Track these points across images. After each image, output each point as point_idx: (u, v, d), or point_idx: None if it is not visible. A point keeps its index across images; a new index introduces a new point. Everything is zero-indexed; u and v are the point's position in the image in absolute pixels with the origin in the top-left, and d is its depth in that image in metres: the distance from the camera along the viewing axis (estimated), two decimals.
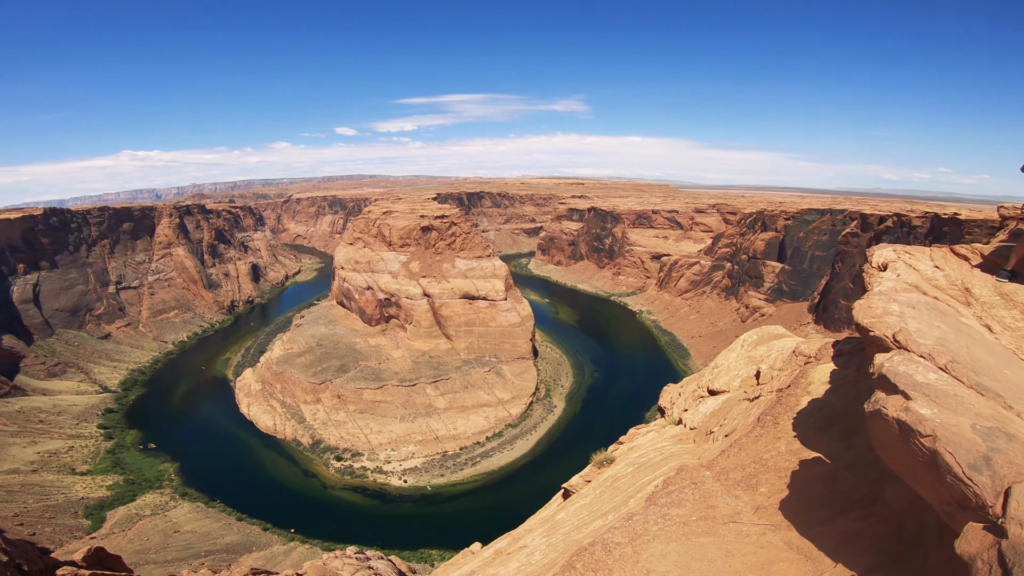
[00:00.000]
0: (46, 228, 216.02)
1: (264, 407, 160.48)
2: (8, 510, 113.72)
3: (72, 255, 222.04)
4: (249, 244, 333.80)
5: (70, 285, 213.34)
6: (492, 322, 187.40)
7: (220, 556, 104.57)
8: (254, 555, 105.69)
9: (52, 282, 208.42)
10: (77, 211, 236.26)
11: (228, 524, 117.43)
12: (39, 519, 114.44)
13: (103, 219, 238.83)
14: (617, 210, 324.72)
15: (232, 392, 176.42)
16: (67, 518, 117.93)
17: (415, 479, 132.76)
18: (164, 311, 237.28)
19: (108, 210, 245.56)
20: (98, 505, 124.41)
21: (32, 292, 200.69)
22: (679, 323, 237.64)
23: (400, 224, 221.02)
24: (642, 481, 20.75)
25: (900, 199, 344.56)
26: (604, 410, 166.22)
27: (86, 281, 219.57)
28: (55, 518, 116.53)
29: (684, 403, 29.38)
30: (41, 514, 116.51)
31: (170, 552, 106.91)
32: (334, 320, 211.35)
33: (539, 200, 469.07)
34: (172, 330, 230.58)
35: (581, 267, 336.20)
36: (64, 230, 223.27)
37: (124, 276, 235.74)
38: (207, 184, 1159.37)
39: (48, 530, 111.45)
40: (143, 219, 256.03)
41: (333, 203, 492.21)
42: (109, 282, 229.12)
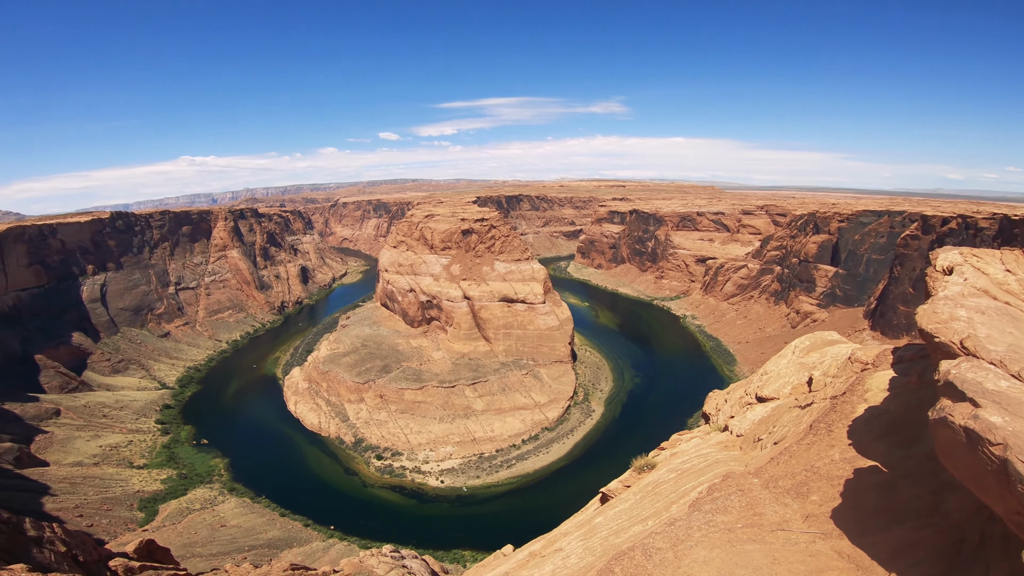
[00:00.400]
0: (113, 231, 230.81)
1: (310, 405, 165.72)
2: (70, 501, 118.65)
3: (136, 257, 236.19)
4: (298, 247, 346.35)
5: (134, 285, 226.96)
6: (530, 325, 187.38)
7: (262, 551, 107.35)
8: (294, 551, 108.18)
9: (118, 282, 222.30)
10: (140, 215, 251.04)
11: (272, 519, 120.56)
12: (97, 511, 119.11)
13: (164, 222, 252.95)
14: (660, 212, 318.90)
15: (281, 390, 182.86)
16: (123, 510, 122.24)
17: (451, 480, 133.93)
18: (219, 311, 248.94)
19: (168, 214, 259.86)
20: (152, 498, 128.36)
21: (100, 292, 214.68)
22: (725, 328, 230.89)
23: (441, 227, 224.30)
24: (685, 487, 20.31)
25: (965, 200, 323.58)
26: (644, 415, 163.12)
27: (148, 282, 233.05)
28: (112, 510, 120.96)
29: (730, 410, 28.60)
30: (99, 506, 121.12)
31: (215, 546, 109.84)
32: (378, 321, 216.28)
33: (578, 203, 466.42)
34: (226, 329, 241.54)
35: (622, 270, 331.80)
36: (129, 233, 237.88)
37: (183, 277, 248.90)
38: (259, 189, 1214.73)
39: (105, 522, 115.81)
40: (200, 222, 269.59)
41: (377, 207, 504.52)
42: (169, 283, 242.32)
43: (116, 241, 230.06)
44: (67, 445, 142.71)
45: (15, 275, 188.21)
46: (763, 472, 14.47)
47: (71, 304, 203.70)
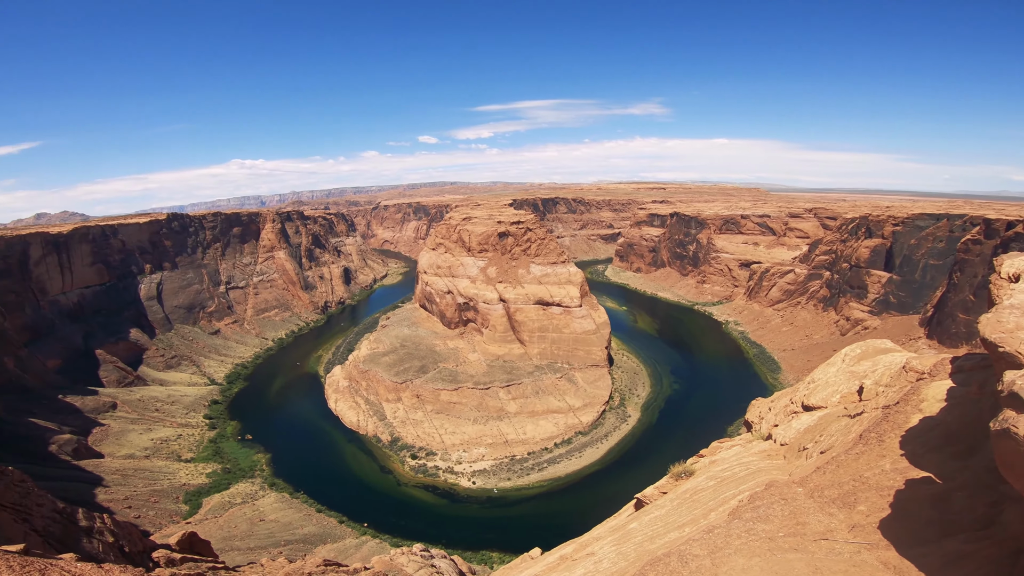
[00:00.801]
0: (169, 232, 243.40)
1: (350, 403, 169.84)
2: (121, 493, 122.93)
3: (190, 256, 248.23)
4: (342, 249, 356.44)
5: (187, 284, 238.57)
6: (566, 328, 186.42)
7: (297, 546, 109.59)
8: (328, 547, 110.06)
9: (173, 281, 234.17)
10: (194, 216, 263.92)
11: (308, 515, 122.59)
12: (145, 503, 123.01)
13: (216, 224, 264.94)
14: (702, 215, 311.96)
15: (322, 388, 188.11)
16: (169, 503, 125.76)
17: (483, 481, 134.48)
18: (266, 310, 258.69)
19: (220, 215, 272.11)
20: (197, 491, 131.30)
21: (156, 290, 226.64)
22: (770, 335, 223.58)
23: (478, 230, 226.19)
24: (725, 495, 19.83)
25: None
26: (682, 422, 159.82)
27: (201, 281, 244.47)
28: (159, 502, 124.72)
29: (774, 418, 27.74)
30: (147, 498, 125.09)
31: (253, 540, 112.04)
32: (416, 322, 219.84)
33: (617, 205, 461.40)
34: (272, 328, 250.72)
35: (662, 274, 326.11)
36: (183, 233, 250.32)
37: (233, 277, 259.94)
38: (305, 192, 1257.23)
39: (151, 514, 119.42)
40: (250, 224, 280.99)
41: (417, 209, 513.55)
42: (220, 282, 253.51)
43: (172, 241, 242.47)
44: (121, 438, 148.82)
45: (80, 273, 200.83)
46: (808, 481, 14.02)
47: (130, 301, 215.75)
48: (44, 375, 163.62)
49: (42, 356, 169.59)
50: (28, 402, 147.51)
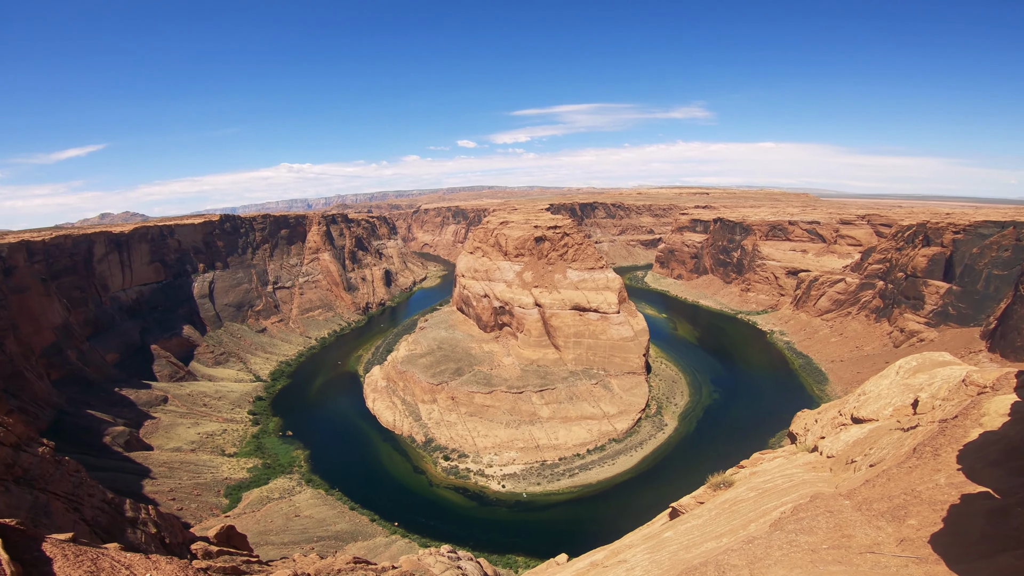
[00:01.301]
0: (221, 232, 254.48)
1: (387, 403, 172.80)
2: (166, 485, 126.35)
3: (240, 257, 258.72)
4: (383, 251, 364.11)
5: (237, 283, 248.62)
6: (602, 335, 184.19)
7: (329, 543, 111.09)
8: (358, 544, 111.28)
9: (224, 280, 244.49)
10: (245, 218, 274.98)
11: (342, 512, 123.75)
12: (188, 495, 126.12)
13: (265, 225, 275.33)
14: (747, 221, 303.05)
15: (361, 387, 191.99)
16: (210, 496, 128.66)
17: (513, 485, 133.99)
18: (310, 310, 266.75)
19: (269, 217, 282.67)
20: (237, 486, 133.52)
21: (208, 289, 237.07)
22: (817, 346, 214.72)
23: (515, 234, 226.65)
24: (766, 506, 19.22)
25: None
26: (721, 433, 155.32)
27: (250, 280, 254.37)
28: (201, 495, 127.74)
29: (821, 430, 26.76)
30: (191, 491, 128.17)
31: (288, 535, 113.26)
32: (453, 325, 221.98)
33: (658, 210, 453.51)
34: (316, 327, 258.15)
35: (704, 282, 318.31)
36: (235, 234, 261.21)
37: (280, 277, 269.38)
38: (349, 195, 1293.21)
39: (193, 506, 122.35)
40: (297, 226, 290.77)
41: (456, 213, 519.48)
42: (268, 282, 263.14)
43: (224, 242, 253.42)
44: (170, 431, 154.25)
45: (139, 271, 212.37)
46: (856, 494, 13.42)
47: (184, 299, 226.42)
48: (103, 368, 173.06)
49: (102, 350, 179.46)
50: (87, 394, 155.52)
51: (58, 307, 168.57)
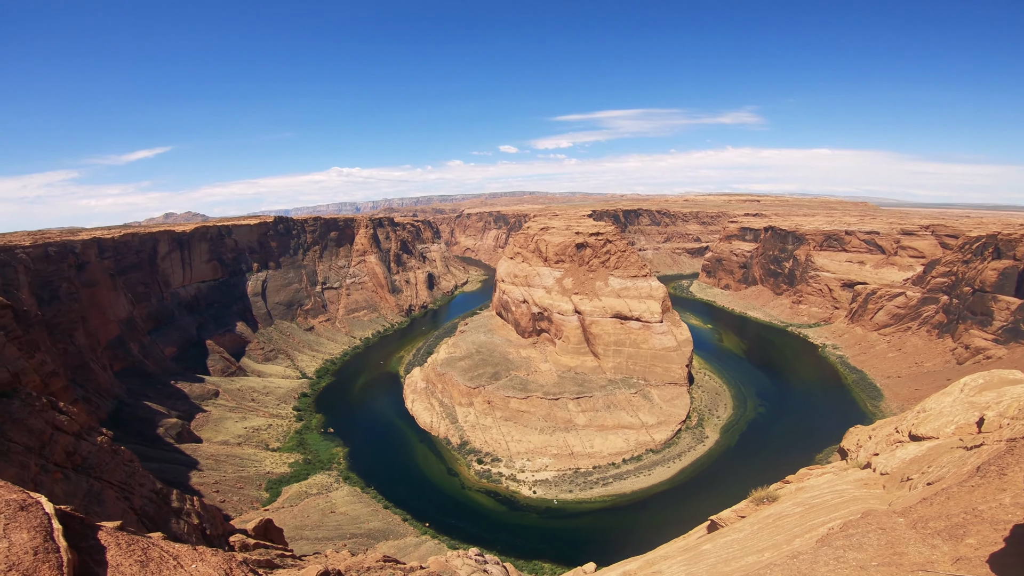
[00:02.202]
0: (275, 234, 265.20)
1: (425, 404, 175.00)
2: (212, 477, 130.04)
3: (292, 257, 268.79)
4: (427, 255, 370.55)
5: (288, 283, 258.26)
6: (644, 344, 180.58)
7: (361, 540, 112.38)
8: (389, 543, 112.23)
9: (276, 280, 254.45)
10: (298, 220, 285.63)
11: (375, 511, 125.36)
12: (231, 488, 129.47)
13: (316, 228, 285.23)
14: (800, 230, 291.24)
15: (401, 387, 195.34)
16: (252, 489, 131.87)
17: (544, 491, 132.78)
18: (356, 310, 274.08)
19: (320, 220, 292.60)
20: (278, 480, 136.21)
21: (261, 287, 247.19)
22: (872, 361, 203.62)
23: (556, 240, 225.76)
24: (813, 522, 18.28)
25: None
26: (765, 447, 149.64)
27: (300, 280, 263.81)
28: (243, 488, 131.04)
29: (874, 447, 25.39)
30: (234, 484, 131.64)
31: (322, 531, 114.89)
32: (492, 329, 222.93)
33: (705, 218, 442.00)
34: (360, 327, 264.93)
35: (753, 292, 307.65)
36: (288, 236, 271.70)
37: (328, 278, 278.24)
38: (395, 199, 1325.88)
39: (235, 499, 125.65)
40: (345, 229, 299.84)
41: (497, 218, 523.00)
42: (317, 282, 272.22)
43: (277, 243, 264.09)
44: (219, 424, 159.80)
45: (198, 269, 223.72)
46: (912, 512, 12.54)
47: (238, 297, 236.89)
48: (161, 361, 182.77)
49: (161, 344, 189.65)
50: (145, 386, 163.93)
51: (124, 301, 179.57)
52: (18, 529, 9.00)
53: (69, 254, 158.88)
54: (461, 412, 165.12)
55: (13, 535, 8.83)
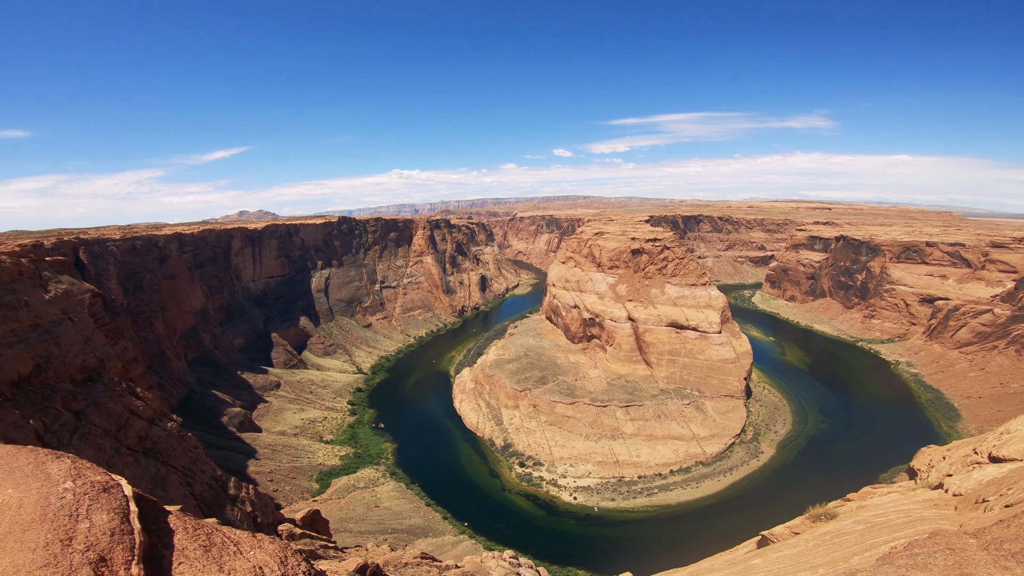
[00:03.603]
0: (339, 233, 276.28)
1: (472, 405, 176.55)
2: (267, 466, 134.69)
3: (354, 256, 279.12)
4: (480, 257, 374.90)
5: (349, 281, 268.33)
6: (700, 354, 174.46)
7: (401, 536, 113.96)
8: (427, 540, 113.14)
9: (338, 277, 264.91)
10: (360, 220, 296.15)
11: (417, 507, 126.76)
12: (285, 477, 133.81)
13: (377, 228, 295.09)
14: (876, 240, 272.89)
15: (450, 387, 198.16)
16: (304, 480, 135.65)
17: (585, 498, 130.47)
18: (412, 309, 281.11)
19: (381, 221, 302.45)
20: (329, 472, 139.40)
21: (324, 284, 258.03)
22: (951, 380, 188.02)
23: (610, 246, 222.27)
24: (874, 540, 17.00)
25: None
26: (824, 465, 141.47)
27: (360, 278, 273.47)
28: (296, 479, 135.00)
29: (948, 467, 23.31)
30: (288, 473, 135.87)
31: (365, 524, 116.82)
32: (541, 333, 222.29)
33: (771, 225, 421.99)
34: (415, 326, 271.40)
35: (821, 305, 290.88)
36: (350, 235, 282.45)
37: (387, 277, 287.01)
38: (452, 201, 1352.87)
39: (287, 488, 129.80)
40: (404, 230, 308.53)
41: (550, 223, 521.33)
42: (376, 281, 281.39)
43: (340, 242, 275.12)
44: (278, 415, 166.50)
45: (267, 265, 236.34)
46: (985, 533, 11.41)
47: (302, 293, 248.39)
48: (230, 352, 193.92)
49: (231, 335, 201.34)
50: (214, 375, 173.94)
51: (199, 294, 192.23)
52: (99, 510, 9.56)
53: (153, 248, 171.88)
54: (507, 414, 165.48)
55: (94, 516, 9.39)
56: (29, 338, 72.13)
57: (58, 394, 70.06)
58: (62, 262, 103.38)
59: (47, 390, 69.71)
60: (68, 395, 71.47)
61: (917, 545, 12.34)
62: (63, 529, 8.83)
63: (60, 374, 73.95)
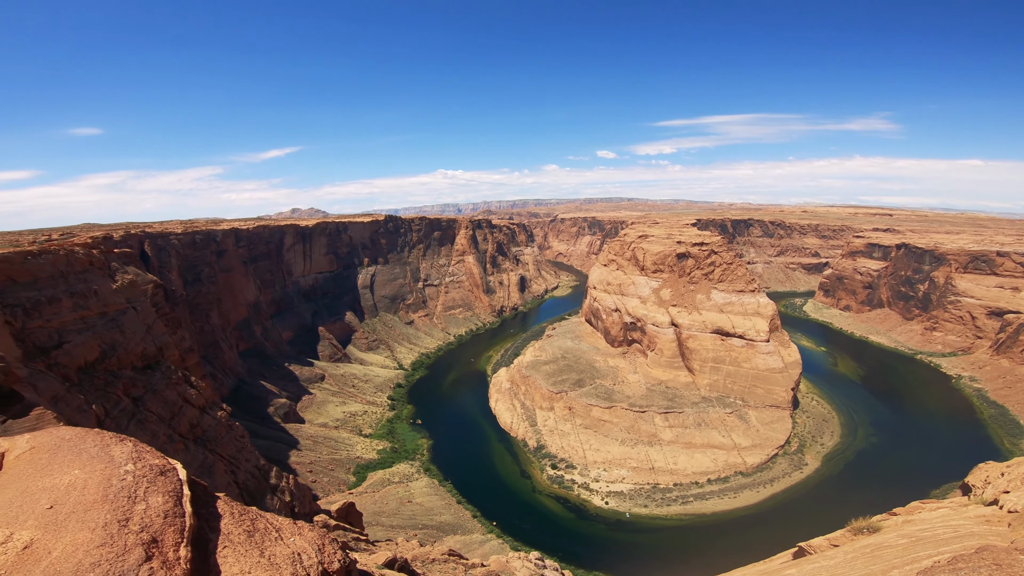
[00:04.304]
0: (385, 231, 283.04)
1: (507, 405, 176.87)
2: (308, 457, 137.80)
3: (398, 254, 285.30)
4: (520, 257, 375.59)
5: (394, 278, 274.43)
6: (745, 363, 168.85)
7: (430, 532, 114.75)
8: (456, 538, 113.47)
9: (383, 274, 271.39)
10: (405, 219, 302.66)
11: (448, 504, 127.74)
12: (323, 469, 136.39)
13: (421, 227, 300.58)
14: (941, 249, 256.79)
15: (487, 386, 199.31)
16: (341, 472, 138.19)
17: (616, 503, 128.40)
18: (452, 308, 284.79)
19: (425, 220, 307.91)
20: (366, 465, 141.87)
21: (370, 281, 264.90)
22: (1018, 396, 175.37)
23: (654, 249, 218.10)
24: (917, 555, 16.10)
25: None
26: (872, 479, 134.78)
27: (404, 276, 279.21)
28: (334, 471, 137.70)
29: (1006, 484, 21.82)
30: (327, 465, 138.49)
31: (397, 519, 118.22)
32: (580, 336, 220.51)
33: (826, 231, 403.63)
34: (455, 324, 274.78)
35: (879, 315, 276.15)
36: (396, 234, 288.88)
37: (430, 275, 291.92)
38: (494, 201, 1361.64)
39: (325, 480, 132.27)
40: (447, 229, 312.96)
41: (592, 224, 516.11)
42: (419, 279, 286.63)
43: (386, 240, 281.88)
44: (321, 408, 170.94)
45: (317, 261, 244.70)
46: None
47: (349, 288, 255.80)
48: (279, 345, 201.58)
49: (280, 328, 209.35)
50: (263, 367, 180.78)
51: (253, 287, 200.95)
52: (156, 493, 10.09)
53: (212, 242, 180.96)
54: (541, 416, 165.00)
55: (151, 498, 9.91)
56: (97, 326, 76.60)
57: (120, 380, 73.88)
58: (129, 254, 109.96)
59: (110, 376, 73.59)
60: (129, 382, 75.25)
61: (962, 559, 11.71)
62: (121, 510, 9.33)
63: (122, 361, 78.02)
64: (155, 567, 8.46)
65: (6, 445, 11.69)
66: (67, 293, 74.22)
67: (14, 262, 69.28)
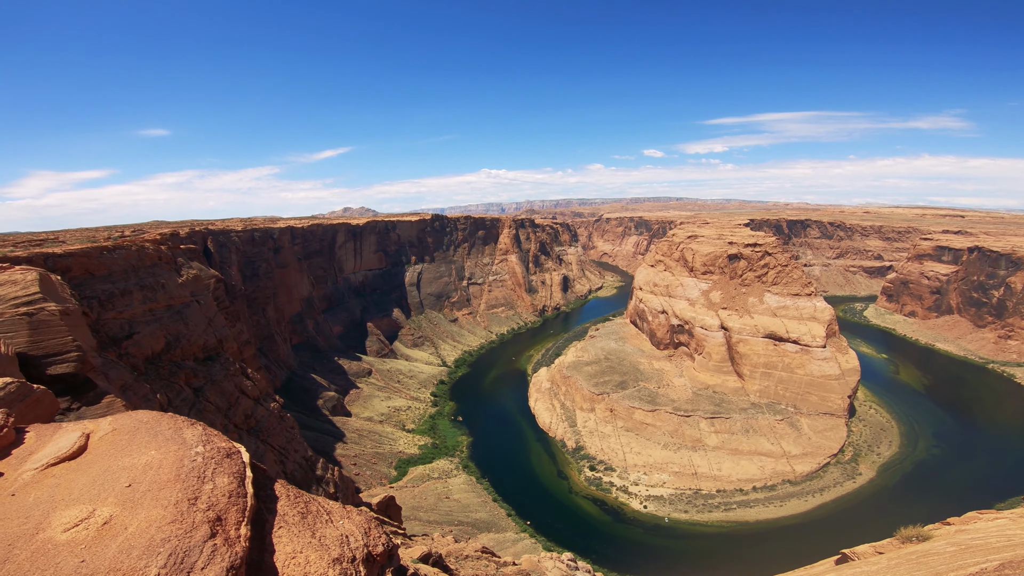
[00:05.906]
0: (431, 230, 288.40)
1: (547, 405, 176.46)
2: (353, 450, 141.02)
3: (444, 253, 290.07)
4: (563, 257, 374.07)
5: (439, 276, 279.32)
6: (799, 369, 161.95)
7: (465, 528, 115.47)
8: (490, 535, 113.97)
9: (429, 272, 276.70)
10: (451, 218, 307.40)
11: (484, 502, 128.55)
12: (367, 462, 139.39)
13: (466, 226, 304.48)
14: (1018, 253, 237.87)
15: (527, 385, 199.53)
16: (383, 466, 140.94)
17: (656, 507, 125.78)
18: (495, 306, 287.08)
19: (470, 219, 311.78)
20: (407, 460, 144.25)
21: (416, 278, 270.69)
22: None
23: (704, 250, 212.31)
24: (964, 562, 15.43)
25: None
26: (930, 491, 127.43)
27: (450, 274, 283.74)
28: (377, 464, 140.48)
29: None
30: (370, 459, 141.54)
31: (435, 514, 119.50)
32: (624, 337, 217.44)
33: (890, 233, 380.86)
34: (498, 323, 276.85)
35: (947, 322, 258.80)
36: (442, 232, 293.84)
37: (474, 274, 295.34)
38: (537, 201, 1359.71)
39: (367, 473, 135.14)
40: (492, 228, 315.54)
41: (639, 224, 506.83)
42: (464, 277, 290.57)
43: (432, 238, 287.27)
44: (367, 402, 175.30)
45: (366, 258, 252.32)
46: None
47: (396, 285, 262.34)
48: (330, 339, 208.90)
49: (331, 323, 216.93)
50: (314, 360, 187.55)
51: (306, 283, 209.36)
52: (222, 474, 10.89)
53: (269, 239, 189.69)
54: (581, 417, 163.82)
55: (218, 479, 10.70)
56: (163, 318, 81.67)
57: (182, 371, 78.41)
58: (194, 250, 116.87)
59: (173, 366, 78.26)
60: (190, 372, 79.77)
61: (1010, 566, 11.33)
62: (191, 489, 10.12)
63: (185, 352, 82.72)
64: (218, 543, 9.12)
65: (91, 427, 12.74)
66: (138, 286, 79.23)
67: (92, 257, 74.69)
